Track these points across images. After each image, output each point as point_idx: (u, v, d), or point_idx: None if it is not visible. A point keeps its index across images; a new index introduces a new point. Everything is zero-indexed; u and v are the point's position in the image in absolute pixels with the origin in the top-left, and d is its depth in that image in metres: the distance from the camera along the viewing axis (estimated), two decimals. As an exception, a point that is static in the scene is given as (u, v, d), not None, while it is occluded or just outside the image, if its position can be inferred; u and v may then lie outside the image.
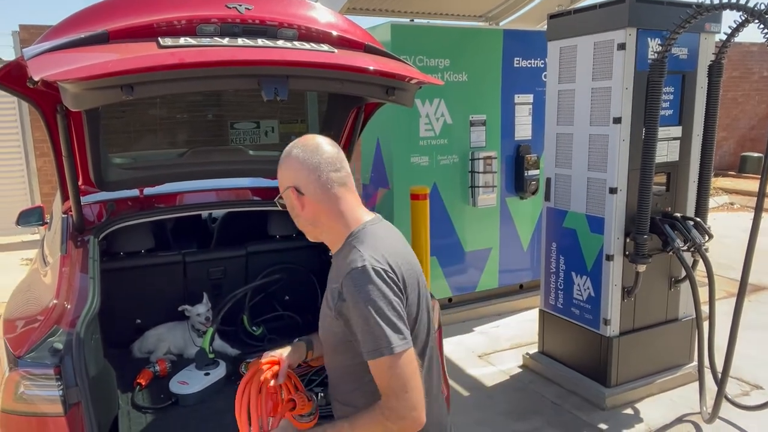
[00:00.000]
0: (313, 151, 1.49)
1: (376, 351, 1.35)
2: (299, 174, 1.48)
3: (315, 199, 1.48)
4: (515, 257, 5.32)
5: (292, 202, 1.51)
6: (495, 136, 5.02)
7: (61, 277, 2.32)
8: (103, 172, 2.60)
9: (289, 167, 1.50)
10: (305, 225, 1.54)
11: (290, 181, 1.50)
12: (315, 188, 1.48)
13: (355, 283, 1.37)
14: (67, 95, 1.71)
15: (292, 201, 1.51)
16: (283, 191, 1.52)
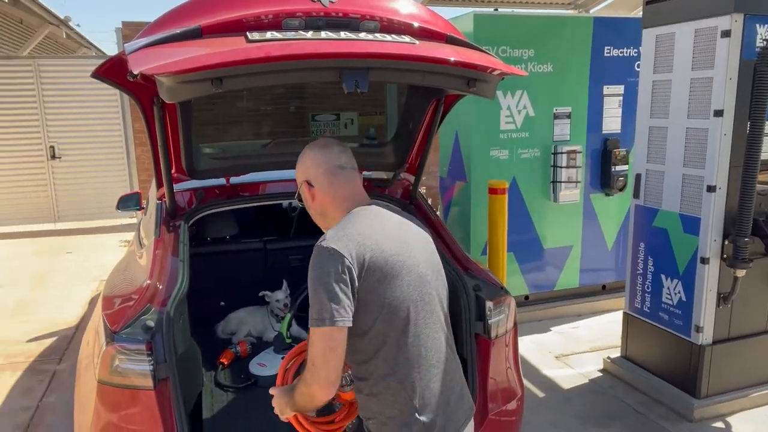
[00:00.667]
0: (323, 149, 1.71)
1: (310, 320, 1.49)
2: (310, 169, 1.70)
3: (322, 191, 1.68)
4: (598, 256, 5.09)
5: (306, 195, 1.71)
6: (580, 129, 4.81)
7: (154, 259, 2.47)
8: (194, 162, 2.73)
9: (302, 164, 1.72)
10: (316, 216, 1.74)
11: (303, 176, 1.71)
12: (322, 181, 1.68)
13: (312, 260, 1.52)
14: (163, 88, 1.81)
15: (306, 194, 1.71)
16: (299, 186, 1.73)
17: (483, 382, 2.38)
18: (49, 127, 8.50)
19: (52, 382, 3.92)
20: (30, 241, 7.99)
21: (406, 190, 3.28)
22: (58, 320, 5.04)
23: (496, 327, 2.44)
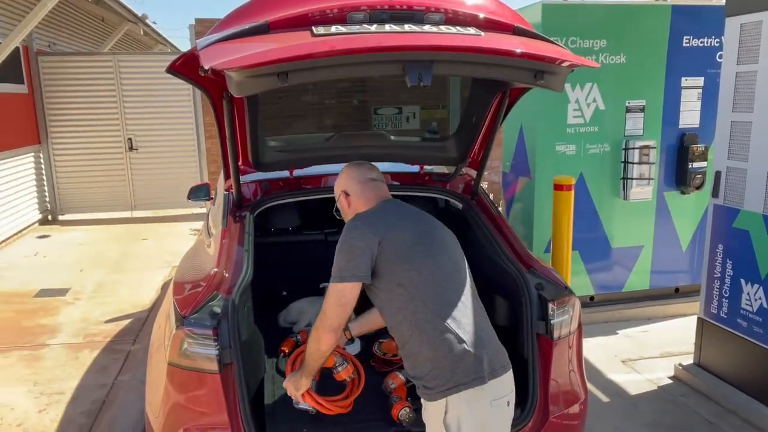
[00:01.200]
0: (357, 166, 2.19)
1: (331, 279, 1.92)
2: (347, 182, 2.14)
3: (356, 197, 2.11)
4: (671, 258, 4.83)
5: (342, 203, 2.14)
6: (655, 124, 4.57)
7: (221, 248, 2.56)
8: (259, 154, 2.81)
9: (340, 179, 2.18)
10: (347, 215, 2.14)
11: (341, 188, 2.15)
12: (356, 189, 2.11)
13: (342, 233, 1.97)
14: (232, 82, 1.86)
15: (343, 202, 2.14)
16: (337, 197, 2.16)
17: (544, 383, 2.32)
18: (128, 120, 8.99)
19: (126, 362, 4.15)
20: (109, 228, 8.49)
21: (468, 185, 3.24)
22: (133, 303, 5.34)
23: (559, 328, 2.37)
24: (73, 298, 5.49)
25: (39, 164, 8.72)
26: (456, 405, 1.79)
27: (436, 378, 1.81)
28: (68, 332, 4.67)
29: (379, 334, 3.18)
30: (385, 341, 3.02)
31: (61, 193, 9.04)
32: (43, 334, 4.64)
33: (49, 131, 8.79)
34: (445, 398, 1.80)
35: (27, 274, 6.23)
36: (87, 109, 8.85)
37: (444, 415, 1.79)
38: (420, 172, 3.25)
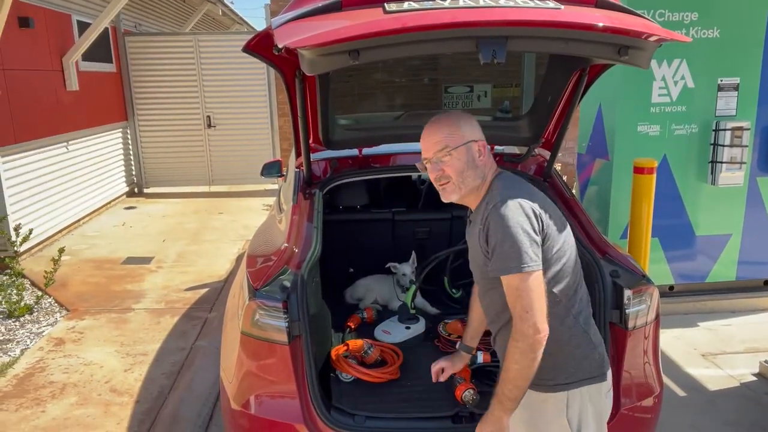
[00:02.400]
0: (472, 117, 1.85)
1: (509, 269, 1.60)
2: (477, 131, 1.79)
3: (487, 156, 1.80)
4: (763, 248, 4.49)
5: (474, 152, 1.74)
6: (750, 104, 4.22)
7: (291, 224, 2.63)
8: (329, 132, 2.84)
9: (469, 124, 1.79)
10: (475, 177, 1.75)
11: (472, 136, 1.76)
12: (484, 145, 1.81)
13: (498, 216, 1.64)
14: (304, 61, 1.88)
15: (475, 151, 1.74)
16: (464, 144, 1.74)
17: (617, 374, 2.23)
18: (207, 98, 9.35)
19: (203, 328, 4.39)
20: (189, 202, 8.94)
21: (540, 167, 3.13)
22: (210, 273, 5.61)
23: (634, 317, 2.26)
24: (156, 266, 5.84)
25: (126, 140, 9.27)
26: (578, 399, 1.74)
27: (559, 372, 1.74)
28: (151, 298, 4.99)
29: (445, 315, 3.18)
30: (450, 322, 3.02)
31: (146, 168, 9.58)
32: (129, 298, 4.98)
33: (135, 108, 9.31)
34: (566, 392, 1.74)
35: (115, 242, 6.68)
36: (169, 87, 9.28)
37: (567, 410, 1.74)
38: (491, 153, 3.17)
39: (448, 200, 1.77)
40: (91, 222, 7.66)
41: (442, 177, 1.74)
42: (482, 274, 1.76)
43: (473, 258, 1.82)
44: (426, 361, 2.70)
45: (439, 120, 1.78)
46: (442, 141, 1.73)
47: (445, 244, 3.43)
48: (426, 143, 1.77)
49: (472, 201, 1.79)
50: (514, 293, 1.61)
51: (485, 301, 1.85)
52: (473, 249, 1.79)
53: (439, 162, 1.73)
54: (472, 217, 1.81)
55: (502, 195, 1.67)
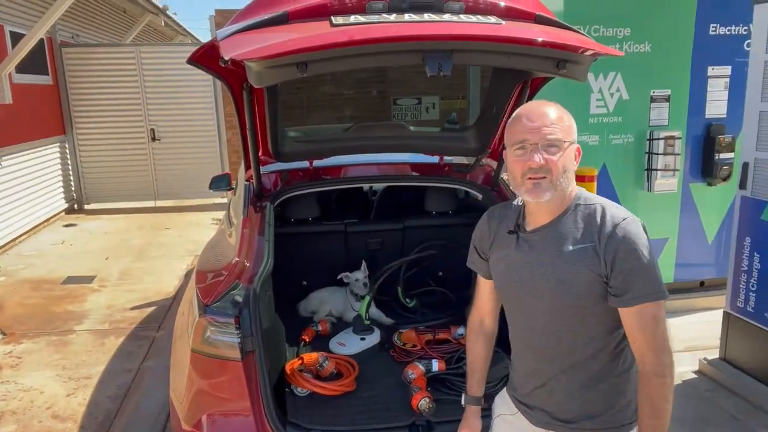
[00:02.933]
0: None
1: (647, 296, 1.42)
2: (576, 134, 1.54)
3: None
4: (697, 250, 4.74)
5: (572, 156, 1.52)
6: (680, 114, 4.47)
7: (242, 237, 2.59)
8: (279, 145, 2.82)
9: (573, 125, 1.54)
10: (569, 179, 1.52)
11: (574, 136, 1.53)
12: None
13: (636, 234, 1.43)
14: (252, 73, 1.87)
15: (572, 155, 1.52)
16: (568, 146, 1.50)
17: None
18: (150, 110, 9.10)
19: (151, 348, 4.23)
20: (133, 217, 8.63)
21: (488, 176, 3.22)
22: (157, 290, 5.43)
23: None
24: (99, 285, 5.61)
25: (65, 154, 8.88)
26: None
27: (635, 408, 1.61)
28: (95, 319, 4.78)
29: (399, 325, 3.20)
30: (405, 331, 3.04)
31: (87, 183, 9.21)
32: (70, 320, 4.75)
33: (74, 122, 8.95)
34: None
35: (55, 261, 6.38)
36: (110, 99, 8.98)
37: None
38: (440, 163, 3.24)
39: (540, 199, 1.47)
40: (28, 241, 7.29)
41: (541, 169, 1.45)
42: (568, 297, 1.47)
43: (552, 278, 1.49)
44: (382, 371, 2.71)
45: (558, 108, 1.51)
46: (562, 131, 1.47)
47: (397, 255, 3.46)
48: (532, 126, 1.46)
49: (553, 208, 1.52)
50: (652, 322, 1.43)
51: (553, 334, 1.53)
52: (559, 267, 1.48)
53: (544, 151, 1.45)
54: (545, 234, 1.52)
55: (622, 209, 1.49)
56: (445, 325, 3.11)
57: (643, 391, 1.46)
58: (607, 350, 1.52)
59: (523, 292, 1.55)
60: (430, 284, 3.54)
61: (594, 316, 1.48)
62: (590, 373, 1.53)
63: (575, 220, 1.50)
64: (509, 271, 1.58)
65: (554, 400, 1.57)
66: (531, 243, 1.54)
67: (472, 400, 1.81)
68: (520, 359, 1.65)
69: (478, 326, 1.81)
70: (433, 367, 2.61)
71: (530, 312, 1.56)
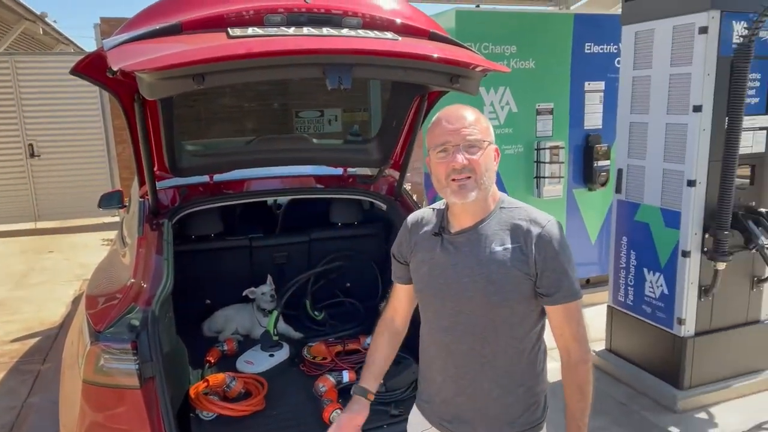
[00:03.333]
0: None
1: (569, 296, 1.51)
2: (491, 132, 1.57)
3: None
4: (582, 251, 5.14)
5: (491, 156, 1.55)
6: (563, 126, 4.85)
7: (138, 257, 2.45)
8: (176, 159, 2.71)
9: (490, 127, 1.58)
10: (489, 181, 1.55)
11: (492, 137, 1.57)
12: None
13: (558, 236, 1.51)
14: (144, 84, 1.79)
15: (491, 155, 1.55)
16: (486, 147, 1.53)
17: None
18: (28, 124, 8.36)
19: (36, 383, 3.87)
20: (11, 241, 7.86)
21: (391, 187, 3.29)
22: (41, 320, 4.98)
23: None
24: (-31, 319, 5.04)
25: (-75, 174, 7.92)
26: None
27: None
28: (-35, 356, 4.29)
29: (308, 338, 3.17)
30: (314, 344, 3.02)
31: (-46, 205, 8.26)
32: (-65, 359, 4.22)
33: (-64, 138, 8.02)
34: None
35: None
36: (-20, 113, 8.16)
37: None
38: (343, 175, 3.27)
39: (465, 199, 1.49)
40: None
41: (465, 169, 1.47)
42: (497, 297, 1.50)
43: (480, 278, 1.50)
44: (292, 387, 2.68)
45: (474, 110, 1.56)
46: (481, 132, 1.51)
47: (305, 268, 3.44)
48: (452, 128, 1.49)
49: (477, 209, 1.54)
50: (577, 316, 1.55)
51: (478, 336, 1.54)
52: (487, 268, 1.50)
53: (466, 152, 1.48)
54: (471, 235, 1.54)
55: (544, 214, 1.56)
56: (355, 335, 3.13)
57: (572, 380, 1.58)
58: (526, 352, 1.58)
59: (449, 293, 1.54)
60: (338, 296, 3.55)
61: (518, 316, 1.53)
62: (511, 376, 1.57)
63: (500, 221, 1.53)
64: (433, 273, 1.57)
65: (477, 405, 1.57)
66: (456, 245, 1.54)
67: (360, 390, 1.72)
68: (438, 366, 1.62)
69: (389, 321, 1.79)
70: (344, 378, 2.62)
71: (455, 314, 1.54)
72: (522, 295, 1.50)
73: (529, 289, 1.50)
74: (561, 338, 1.57)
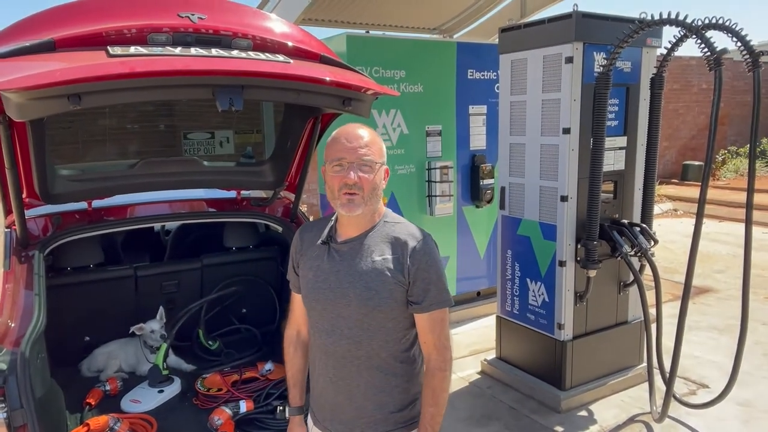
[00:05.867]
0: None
1: (438, 303, 1.64)
2: (384, 156, 1.69)
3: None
4: (472, 265, 5.40)
5: (381, 176, 1.67)
6: (451, 146, 5.10)
7: (3, 294, 2.22)
8: (48, 185, 2.50)
9: (382, 147, 1.69)
10: (375, 198, 1.65)
11: (383, 158, 1.68)
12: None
13: (430, 249, 1.65)
14: (11, 105, 1.65)
15: (381, 175, 1.67)
16: (378, 168, 1.64)
17: None
18: None
19: None
20: None
21: (287, 209, 3.26)
22: None
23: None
24: None
25: None
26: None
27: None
28: None
29: (201, 369, 3.03)
30: (208, 376, 2.88)
31: None
32: None
33: None
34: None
35: None
36: None
37: None
38: (237, 198, 3.19)
39: (352, 213, 1.61)
40: None
41: (354, 186, 1.59)
42: (372, 302, 1.61)
43: (359, 284, 1.62)
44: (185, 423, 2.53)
45: (371, 132, 1.67)
46: (375, 153, 1.62)
47: (197, 296, 3.28)
48: (349, 146, 1.60)
49: (362, 222, 1.67)
50: (440, 325, 1.66)
51: (354, 338, 1.65)
52: (366, 275, 1.62)
53: (359, 170, 1.59)
54: (354, 245, 1.66)
55: (421, 229, 1.70)
56: (252, 362, 3.04)
57: (428, 383, 1.68)
58: (400, 354, 1.70)
59: (331, 297, 1.66)
60: (234, 323, 3.43)
61: (392, 320, 1.65)
62: (386, 377, 1.68)
63: (382, 234, 1.67)
64: (318, 279, 1.69)
65: (354, 405, 1.69)
66: (341, 253, 1.67)
67: (295, 411, 1.89)
68: (320, 368, 1.74)
69: (295, 337, 1.88)
70: (241, 408, 2.53)
71: (334, 318, 1.67)
72: (395, 302, 1.63)
73: (403, 296, 1.64)
74: (424, 345, 1.69)
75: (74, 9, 1.97)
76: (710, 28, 2.84)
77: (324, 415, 1.76)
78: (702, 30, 2.84)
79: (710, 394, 3.73)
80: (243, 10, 2.20)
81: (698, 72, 13.73)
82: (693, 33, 2.90)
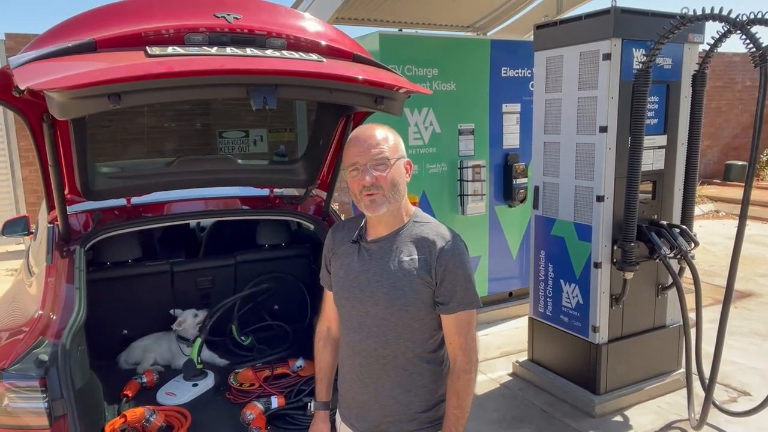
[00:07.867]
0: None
1: (466, 304, 1.63)
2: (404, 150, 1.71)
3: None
4: (504, 265, 5.34)
5: (403, 170, 1.68)
6: (483, 145, 5.05)
7: (46, 287, 2.29)
8: (89, 182, 2.58)
9: (401, 143, 1.71)
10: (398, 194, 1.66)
11: (402, 153, 1.69)
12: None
13: (460, 250, 1.64)
14: (54, 104, 1.70)
15: (403, 169, 1.68)
16: (395, 161, 1.65)
17: None
18: None
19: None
20: None
21: (319, 207, 3.28)
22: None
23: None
24: None
25: None
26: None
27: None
28: None
29: (235, 365, 3.08)
30: (241, 371, 2.93)
31: None
32: None
33: None
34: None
35: None
36: None
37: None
38: (270, 196, 3.23)
39: (376, 212, 1.62)
40: None
41: (373, 186, 1.60)
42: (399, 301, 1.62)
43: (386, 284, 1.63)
44: (218, 417, 2.58)
45: (383, 128, 1.68)
46: (383, 150, 1.62)
47: (230, 292, 3.34)
48: (361, 149, 1.62)
49: (391, 221, 1.68)
50: (467, 327, 1.65)
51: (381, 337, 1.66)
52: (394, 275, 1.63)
53: (374, 170, 1.60)
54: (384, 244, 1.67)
55: (451, 230, 1.69)
56: (283, 359, 3.08)
57: (453, 385, 1.66)
58: (427, 354, 1.69)
59: (360, 296, 1.68)
60: (266, 319, 3.47)
61: (418, 321, 1.65)
62: (411, 376, 1.69)
63: (411, 234, 1.67)
64: (348, 277, 1.71)
65: (379, 403, 1.70)
66: (371, 252, 1.69)
67: (321, 406, 1.91)
68: (348, 366, 1.76)
69: (326, 333, 1.90)
70: (272, 404, 2.56)
71: (363, 316, 1.68)
72: (422, 302, 1.63)
73: (429, 296, 1.64)
74: (450, 347, 1.68)
75: (114, 10, 2.03)
76: (756, 23, 2.74)
77: (351, 413, 1.78)
78: (747, 25, 2.74)
79: (752, 402, 3.59)
80: (277, 10, 2.22)
81: (742, 69, 13.24)
82: (737, 28, 2.79)
